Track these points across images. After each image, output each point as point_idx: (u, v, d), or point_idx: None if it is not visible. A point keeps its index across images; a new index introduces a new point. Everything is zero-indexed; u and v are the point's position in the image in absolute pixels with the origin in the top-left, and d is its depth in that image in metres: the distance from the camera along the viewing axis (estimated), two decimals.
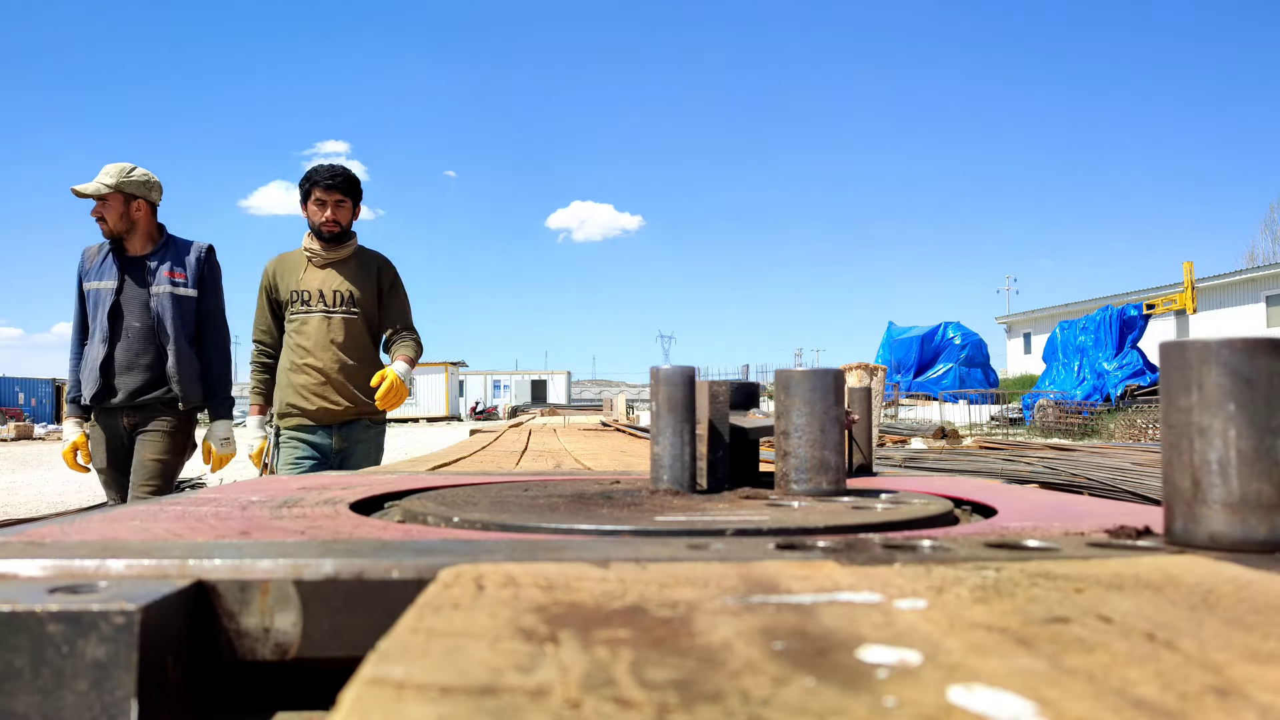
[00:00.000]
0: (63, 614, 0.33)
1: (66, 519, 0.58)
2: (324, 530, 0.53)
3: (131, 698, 0.32)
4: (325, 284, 3.09)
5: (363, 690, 0.22)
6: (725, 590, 0.34)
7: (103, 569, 0.42)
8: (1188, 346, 0.46)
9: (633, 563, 0.39)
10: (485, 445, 2.18)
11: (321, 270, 3.10)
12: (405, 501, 0.70)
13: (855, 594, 0.33)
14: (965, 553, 0.44)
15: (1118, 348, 19.22)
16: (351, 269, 3.14)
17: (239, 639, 0.38)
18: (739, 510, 0.62)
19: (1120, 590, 0.34)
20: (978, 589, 0.34)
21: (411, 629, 0.28)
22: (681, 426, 0.74)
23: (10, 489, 8.56)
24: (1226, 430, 0.45)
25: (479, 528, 0.56)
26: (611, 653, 0.26)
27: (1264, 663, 0.25)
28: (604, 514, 0.60)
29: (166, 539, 0.49)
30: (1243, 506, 0.44)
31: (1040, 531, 0.54)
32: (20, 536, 0.50)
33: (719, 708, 0.21)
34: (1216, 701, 0.22)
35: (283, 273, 3.11)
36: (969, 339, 26.65)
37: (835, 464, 0.72)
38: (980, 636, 0.27)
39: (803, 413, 0.72)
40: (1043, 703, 0.21)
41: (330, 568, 0.39)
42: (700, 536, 0.51)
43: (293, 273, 3.10)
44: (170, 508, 0.64)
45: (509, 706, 0.21)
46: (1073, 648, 0.26)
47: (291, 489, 0.80)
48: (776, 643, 0.27)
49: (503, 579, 0.35)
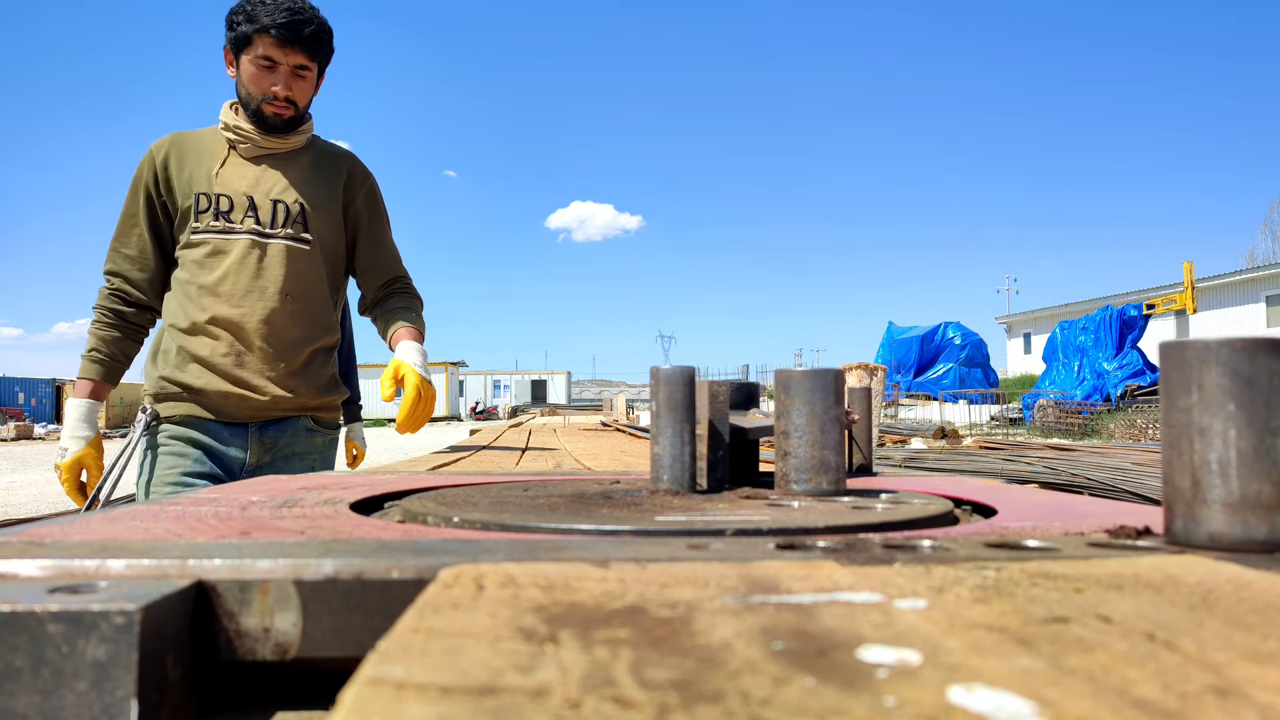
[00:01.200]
0: (63, 614, 0.33)
1: (66, 519, 0.58)
2: (324, 530, 0.53)
3: (131, 698, 0.32)
4: (258, 187, 1.85)
5: (363, 690, 0.22)
6: (725, 590, 0.34)
7: (103, 569, 0.42)
8: (1188, 346, 0.46)
9: (633, 563, 0.39)
10: (485, 445, 2.18)
11: (254, 166, 1.86)
12: (405, 501, 0.70)
13: (855, 594, 0.33)
14: (965, 553, 0.44)
15: (1118, 348, 19.23)
16: (304, 169, 1.90)
17: (239, 639, 0.38)
18: (739, 510, 0.62)
19: (1120, 590, 0.34)
20: (978, 589, 0.34)
21: (411, 629, 0.28)
22: (681, 426, 0.74)
23: (10, 489, 8.56)
24: (1226, 430, 0.45)
25: (479, 528, 0.56)
26: (611, 653, 0.26)
27: (1264, 663, 0.25)
28: (604, 514, 0.60)
29: (166, 539, 0.49)
30: (1243, 506, 0.44)
31: (1040, 531, 0.54)
32: (20, 536, 0.50)
33: (719, 708, 0.21)
34: (1216, 701, 0.22)
35: (183, 161, 1.84)
36: (969, 339, 26.67)
37: (835, 464, 0.72)
38: (980, 636, 0.27)
39: (803, 413, 0.72)
40: (1043, 703, 0.21)
41: (330, 568, 0.39)
42: (700, 536, 0.51)
43: (201, 163, 1.84)
44: (170, 508, 0.64)
45: (509, 706, 0.21)
46: (1073, 648, 0.26)
47: (291, 489, 0.80)
48: (776, 643, 0.27)
49: (503, 579, 0.35)
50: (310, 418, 1.94)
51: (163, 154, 1.86)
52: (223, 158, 1.86)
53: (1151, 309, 19.64)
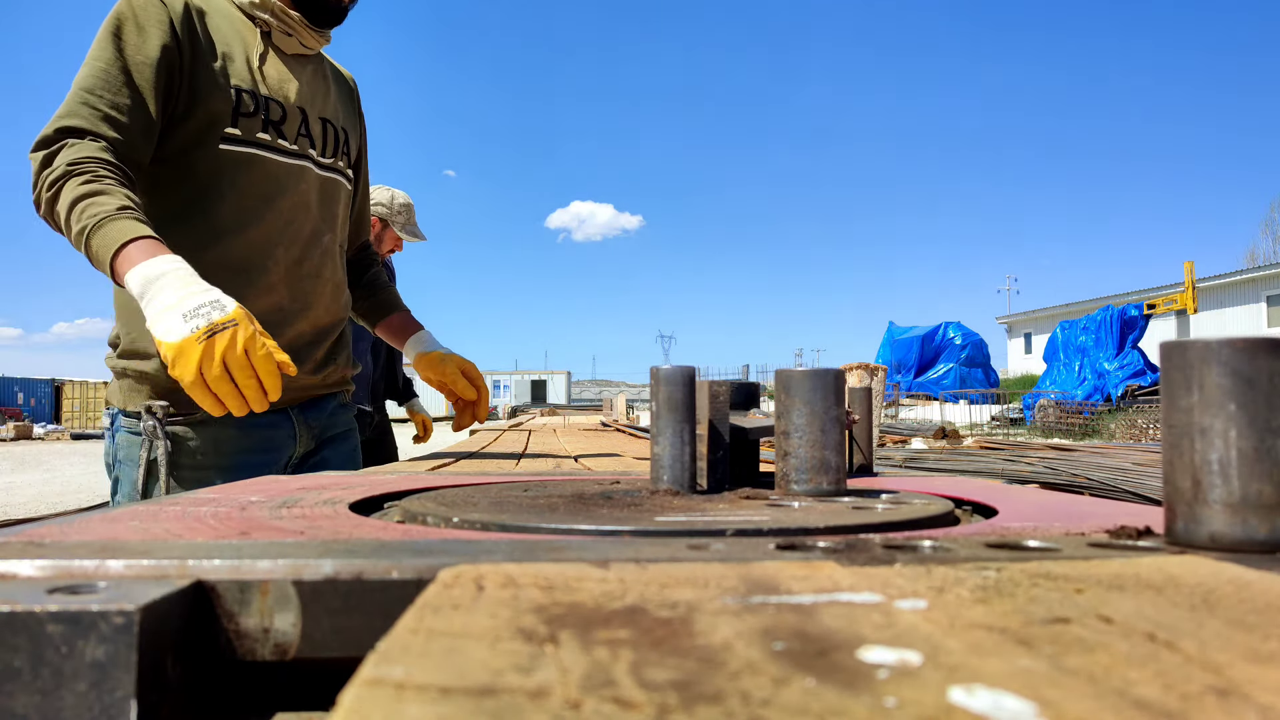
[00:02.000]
0: (62, 614, 0.33)
1: (66, 519, 0.58)
2: (323, 530, 0.53)
3: (131, 698, 0.32)
4: (308, 99, 1.41)
5: (362, 691, 0.22)
6: (725, 590, 0.33)
7: (102, 569, 0.42)
8: (1188, 346, 0.46)
9: (633, 563, 0.39)
10: (485, 445, 2.18)
11: (291, 69, 1.39)
12: (405, 502, 0.70)
13: (856, 594, 0.33)
14: (966, 553, 0.44)
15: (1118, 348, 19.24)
16: (329, 83, 1.50)
17: (238, 639, 0.38)
18: (739, 510, 0.62)
19: (1121, 590, 0.34)
20: (978, 589, 0.34)
21: (411, 629, 0.28)
22: (681, 426, 0.74)
23: (10, 489, 8.57)
24: (1227, 430, 0.45)
25: (479, 528, 0.56)
26: (611, 653, 0.26)
27: (1264, 663, 0.25)
28: (604, 514, 0.60)
29: (166, 539, 0.49)
30: (1243, 507, 0.44)
31: (1041, 532, 0.54)
32: (20, 536, 0.50)
33: (719, 708, 0.21)
34: (1217, 702, 0.22)
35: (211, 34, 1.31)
36: (969, 339, 26.68)
37: (835, 464, 0.72)
38: (981, 637, 0.27)
39: (803, 413, 0.72)
40: (1043, 703, 0.21)
41: (330, 568, 0.39)
42: (700, 537, 0.51)
43: (235, 46, 1.33)
44: (170, 508, 0.64)
45: (509, 707, 0.21)
46: (1073, 648, 0.26)
47: (291, 489, 0.80)
48: (777, 643, 0.26)
49: (503, 579, 0.35)
50: (342, 394, 1.61)
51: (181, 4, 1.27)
52: (259, 48, 1.34)
53: (1152, 309, 19.65)
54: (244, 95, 1.31)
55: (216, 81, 1.29)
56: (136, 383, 1.40)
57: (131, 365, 1.39)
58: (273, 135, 1.34)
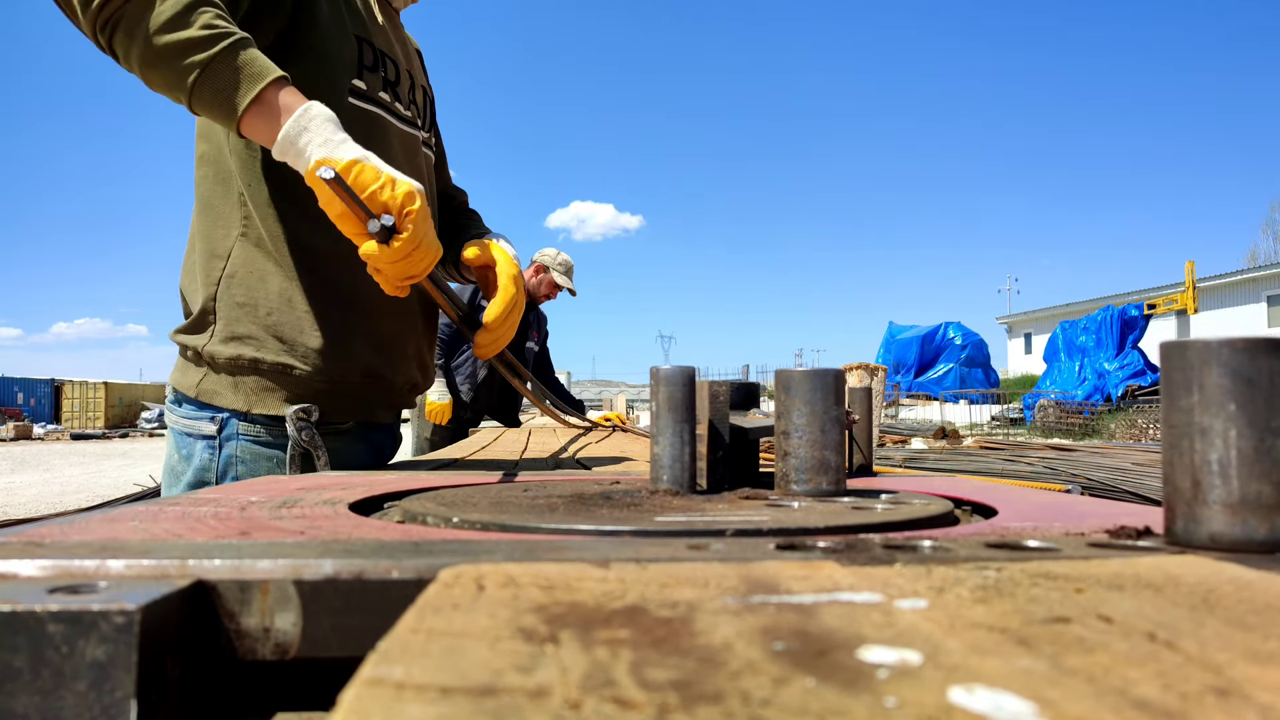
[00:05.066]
0: (62, 614, 0.33)
1: (66, 519, 0.58)
2: (323, 530, 0.53)
3: (131, 698, 0.32)
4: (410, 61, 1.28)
5: (362, 690, 0.22)
6: (725, 590, 0.33)
7: (102, 569, 0.42)
8: (1189, 346, 0.46)
9: (633, 563, 0.39)
10: (485, 445, 2.18)
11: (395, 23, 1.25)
12: (405, 502, 0.70)
13: (856, 594, 0.33)
14: (966, 553, 0.44)
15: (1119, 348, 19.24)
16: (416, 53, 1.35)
17: (239, 639, 0.38)
18: (739, 510, 0.62)
19: (1121, 590, 0.34)
20: (978, 589, 0.34)
21: (411, 629, 0.28)
22: (681, 426, 0.74)
23: (10, 489, 8.57)
24: (1227, 430, 0.45)
25: (479, 528, 0.56)
26: (611, 653, 0.26)
27: (1264, 663, 0.25)
28: (604, 514, 0.60)
29: (166, 539, 0.49)
30: (1243, 507, 0.44)
31: (1040, 532, 0.54)
32: (20, 536, 0.50)
33: (719, 708, 0.21)
34: (1217, 702, 0.22)
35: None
36: (969, 339, 26.67)
37: (835, 464, 0.72)
38: (981, 637, 0.27)
39: (803, 413, 0.72)
40: (1043, 703, 0.21)
41: (330, 568, 0.39)
42: (700, 537, 0.51)
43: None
44: (170, 508, 0.64)
45: (509, 707, 0.21)
46: (1073, 648, 0.26)
47: (291, 489, 0.80)
48: (777, 643, 0.26)
49: (503, 579, 0.35)
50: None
51: None
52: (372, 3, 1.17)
53: (1152, 309, 19.65)
54: (365, 45, 1.14)
55: (341, 20, 1.11)
56: (269, 380, 1.13)
57: (267, 358, 1.11)
58: (391, 96, 1.17)
